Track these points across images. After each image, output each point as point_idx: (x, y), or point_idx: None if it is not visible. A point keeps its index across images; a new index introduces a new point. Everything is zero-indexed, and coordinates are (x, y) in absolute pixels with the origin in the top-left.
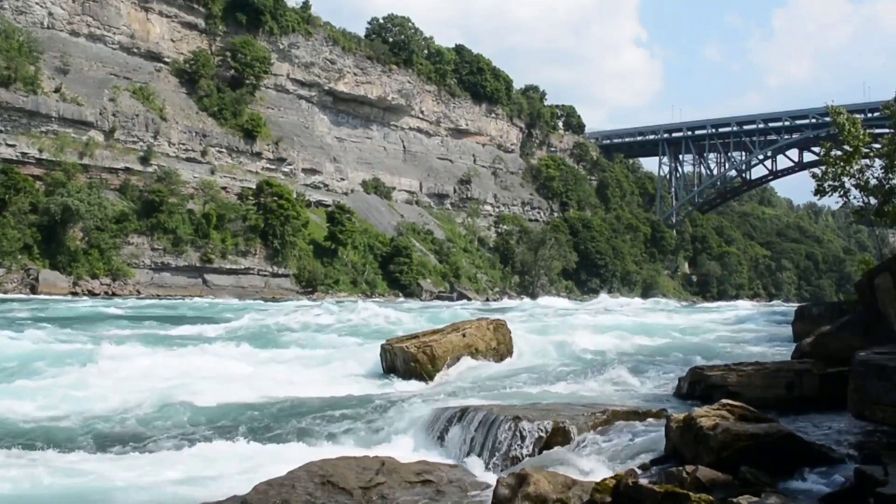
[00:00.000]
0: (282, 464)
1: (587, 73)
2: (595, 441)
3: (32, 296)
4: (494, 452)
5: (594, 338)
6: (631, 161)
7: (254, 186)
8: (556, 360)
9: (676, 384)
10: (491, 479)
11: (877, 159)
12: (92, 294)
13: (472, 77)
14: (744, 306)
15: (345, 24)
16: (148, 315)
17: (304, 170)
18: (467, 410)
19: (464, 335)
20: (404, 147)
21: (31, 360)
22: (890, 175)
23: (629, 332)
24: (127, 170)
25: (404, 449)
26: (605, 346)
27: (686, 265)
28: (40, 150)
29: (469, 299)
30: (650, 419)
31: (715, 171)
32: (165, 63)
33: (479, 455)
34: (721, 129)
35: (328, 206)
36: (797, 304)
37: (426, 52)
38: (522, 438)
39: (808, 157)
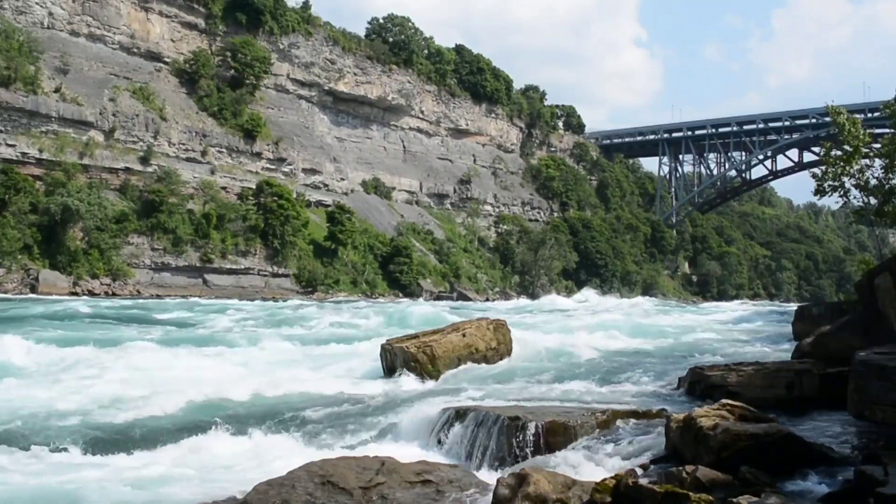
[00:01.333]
0: (280, 462)
1: (587, 73)
2: (595, 441)
3: (32, 295)
4: (494, 452)
5: (594, 338)
6: (631, 161)
7: (254, 186)
8: (555, 360)
9: (676, 384)
10: (491, 479)
11: (877, 159)
12: (92, 294)
13: (472, 77)
14: (730, 307)
15: (345, 24)
16: (111, 315)
17: (304, 170)
18: (467, 410)
19: (464, 335)
20: (404, 147)
21: None
22: (890, 175)
23: (628, 333)
24: (127, 170)
25: (404, 449)
26: (605, 346)
27: (686, 265)
28: (40, 150)
29: (469, 299)
30: (650, 419)
31: (715, 171)
32: (165, 63)
33: (480, 455)
34: (721, 129)
35: (328, 206)
36: (797, 304)
37: (426, 52)
38: (522, 438)
39: (808, 157)
